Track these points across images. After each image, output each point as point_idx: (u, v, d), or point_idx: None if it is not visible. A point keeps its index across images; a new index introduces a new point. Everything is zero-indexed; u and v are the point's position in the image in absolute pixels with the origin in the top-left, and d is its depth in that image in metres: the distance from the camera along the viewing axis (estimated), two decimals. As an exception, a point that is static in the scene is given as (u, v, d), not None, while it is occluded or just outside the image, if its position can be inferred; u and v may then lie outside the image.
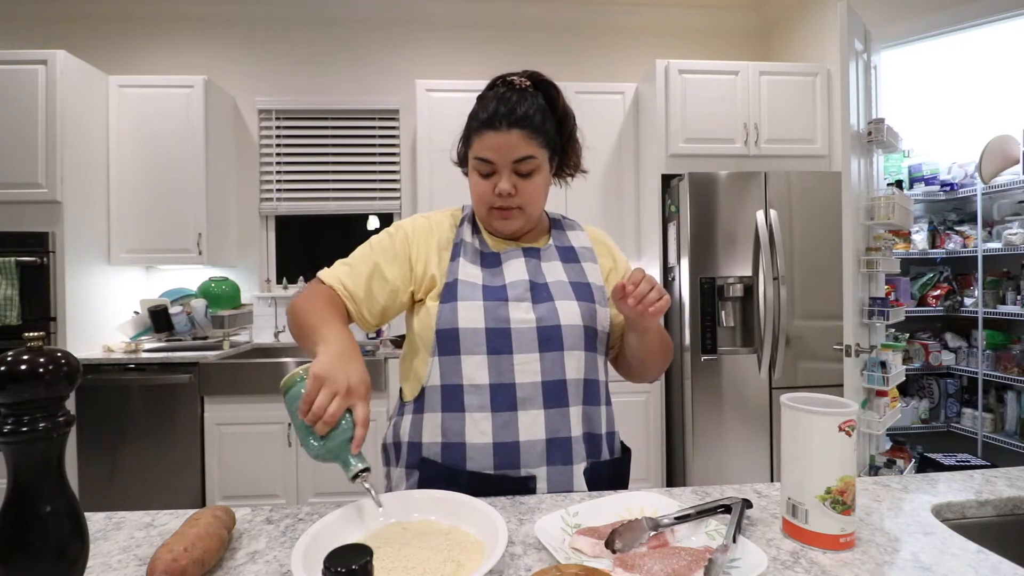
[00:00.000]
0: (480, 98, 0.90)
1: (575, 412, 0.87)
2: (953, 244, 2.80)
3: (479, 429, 0.83)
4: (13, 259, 2.35)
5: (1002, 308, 2.61)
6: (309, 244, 3.26)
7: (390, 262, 0.90)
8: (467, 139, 0.91)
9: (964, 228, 2.81)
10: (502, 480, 0.82)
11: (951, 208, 2.95)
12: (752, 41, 3.37)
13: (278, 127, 3.12)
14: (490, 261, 0.92)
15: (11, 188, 2.40)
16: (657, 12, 3.27)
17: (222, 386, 2.39)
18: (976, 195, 2.69)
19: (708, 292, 2.42)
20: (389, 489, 0.91)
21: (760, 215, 2.43)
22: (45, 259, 2.39)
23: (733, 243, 2.44)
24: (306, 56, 3.12)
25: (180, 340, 2.73)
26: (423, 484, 0.83)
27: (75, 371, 0.52)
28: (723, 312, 2.44)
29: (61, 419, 0.51)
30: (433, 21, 3.17)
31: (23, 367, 0.48)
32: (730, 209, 2.44)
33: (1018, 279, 2.61)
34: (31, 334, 0.50)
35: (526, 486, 0.83)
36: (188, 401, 2.39)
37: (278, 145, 3.13)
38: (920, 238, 2.87)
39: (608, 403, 0.95)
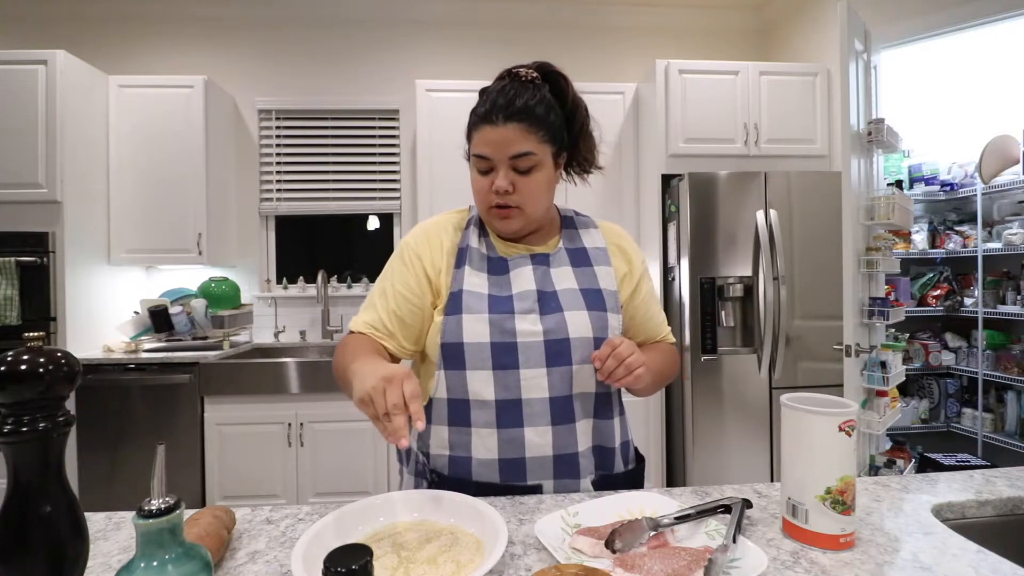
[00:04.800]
0: (482, 92, 0.86)
1: (583, 427, 0.85)
2: (953, 244, 2.80)
3: (485, 446, 0.82)
4: (13, 259, 2.34)
5: (1002, 308, 2.61)
6: (309, 244, 3.26)
7: (405, 281, 0.87)
8: (468, 135, 0.86)
9: (964, 228, 2.81)
10: (509, 490, 0.82)
11: (951, 208, 2.95)
12: (752, 41, 3.36)
13: (278, 127, 3.12)
14: (497, 268, 0.88)
15: (11, 188, 2.40)
16: (657, 12, 3.26)
17: (222, 386, 2.39)
18: (976, 195, 2.69)
19: (708, 292, 2.42)
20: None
21: (760, 215, 2.43)
22: (45, 259, 2.39)
23: (733, 243, 2.44)
24: (306, 56, 3.12)
25: (180, 340, 2.73)
26: None
27: (75, 371, 0.52)
28: (723, 312, 2.44)
29: (61, 419, 0.51)
30: (433, 21, 3.17)
31: (23, 367, 0.48)
32: (730, 209, 2.44)
33: (1018, 279, 2.61)
34: (31, 334, 0.50)
35: (533, 493, 0.82)
36: (188, 401, 2.39)
37: (278, 145, 3.12)
38: (920, 238, 2.87)
39: (621, 413, 0.93)
